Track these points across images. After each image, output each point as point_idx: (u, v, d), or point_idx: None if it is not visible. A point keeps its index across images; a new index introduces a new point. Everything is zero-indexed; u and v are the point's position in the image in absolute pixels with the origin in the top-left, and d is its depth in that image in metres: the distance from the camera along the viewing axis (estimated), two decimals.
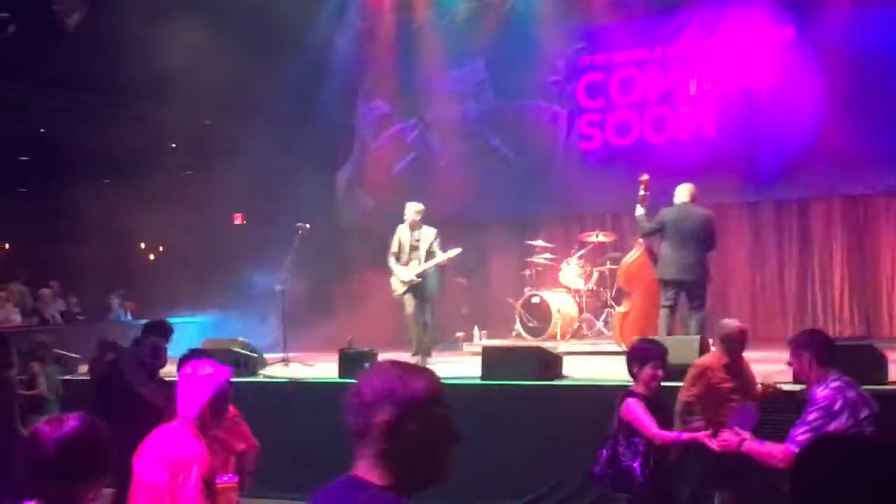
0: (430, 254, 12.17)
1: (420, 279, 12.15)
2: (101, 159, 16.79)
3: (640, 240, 11.92)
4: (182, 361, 5.83)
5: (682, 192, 10.98)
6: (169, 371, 7.36)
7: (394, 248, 12.30)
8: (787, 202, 14.47)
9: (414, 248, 12.22)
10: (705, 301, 10.93)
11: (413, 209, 12.32)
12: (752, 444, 5.83)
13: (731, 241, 14.54)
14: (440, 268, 12.33)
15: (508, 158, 16.20)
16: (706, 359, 7.58)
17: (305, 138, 16.20)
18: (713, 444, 6.09)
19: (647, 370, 6.45)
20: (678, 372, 8.74)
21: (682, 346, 8.99)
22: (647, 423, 6.30)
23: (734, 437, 5.92)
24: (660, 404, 6.59)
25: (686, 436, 6.43)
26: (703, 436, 6.21)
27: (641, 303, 11.89)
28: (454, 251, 12.23)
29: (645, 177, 11.37)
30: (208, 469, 4.33)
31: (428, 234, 12.26)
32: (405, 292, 12.22)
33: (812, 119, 13.59)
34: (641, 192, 11.28)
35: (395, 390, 2.46)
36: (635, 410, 6.35)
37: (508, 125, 16.25)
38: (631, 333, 11.18)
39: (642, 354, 6.57)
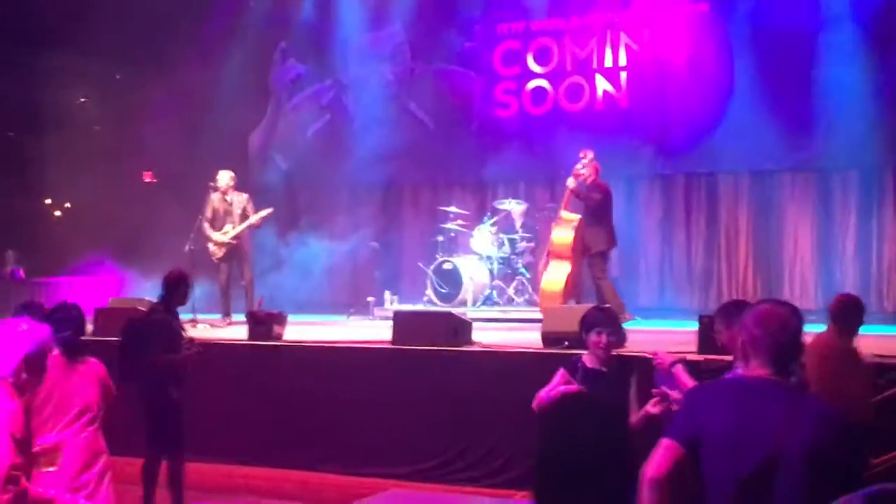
0: (243, 217, 12.90)
1: (235, 241, 12.85)
2: (8, 110, 16.35)
3: (564, 211, 12.11)
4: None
5: None
6: None
7: (207, 214, 12.92)
8: (696, 175, 14.68)
9: (227, 214, 12.91)
10: None
11: (227, 176, 13.01)
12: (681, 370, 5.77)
13: (642, 213, 14.74)
14: (253, 229, 13.14)
15: (424, 123, 16.16)
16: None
17: (219, 98, 15.97)
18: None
19: (591, 336, 6.27)
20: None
21: None
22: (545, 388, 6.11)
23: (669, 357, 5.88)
24: (615, 377, 6.26)
25: (555, 391, 6.07)
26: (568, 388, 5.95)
27: (575, 270, 12.10)
28: (265, 211, 13.07)
29: (588, 153, 11.96)
30: (21, 428, 4.23)
31: (240, 199, 13.02)
32: (222, 257, 12.87)
33: (724, 93, 13.82)
34: (580, 166, 11.77)
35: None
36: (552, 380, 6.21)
37: (425, 90, 16.21)
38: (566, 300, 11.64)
39: (588, 320, 6.39)
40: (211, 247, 12.92)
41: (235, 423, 9.70)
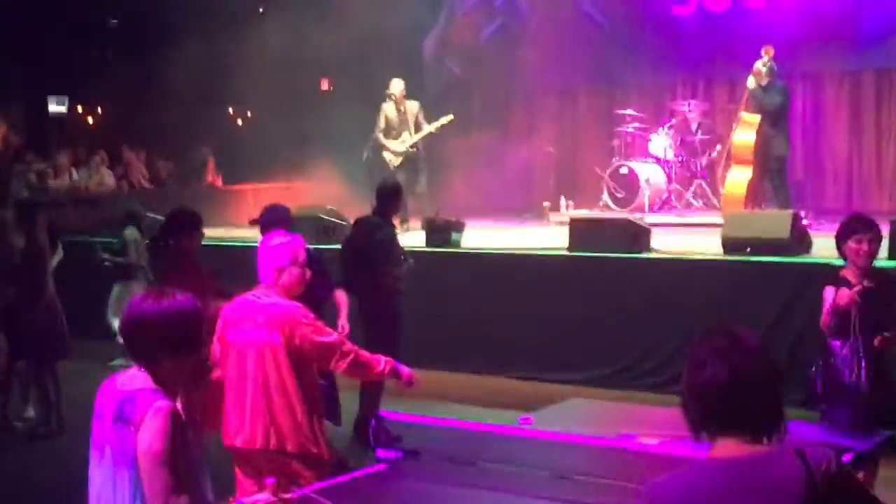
0: (417, 126, 12.84)
1: (414, 150, 12.85)
2: (186, 22, 16.76)
3: (745, 113, 11.69)
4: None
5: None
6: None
7: (381, 124, 12.96)
8: (888, 70, 13.91)
9: (402, 122, 12.87)
10: None
11: (399, 85, 12.91)
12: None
13: (829, 111, 14.13)
14: (432, 137, 13.09)
15: (600, 24, 15.78)
16: None
17: (392, 5, 15.98)
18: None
19: (850, 244, 5.62)
20: (771, 247, 8.70)
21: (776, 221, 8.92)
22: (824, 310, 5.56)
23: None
24: (878, 293, 5.51)
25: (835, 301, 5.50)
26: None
27: (757, 174, 11.77)
28: (445, 119, 12.98)
29: (770, 50, 11.39)
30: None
31: (412, 107, 12.95)
32: (399, 165, 12.82)
33: None
34: (761, 65, 11.28)
35: None
36: (825, 298, 5.60)
37: None
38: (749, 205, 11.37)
39: (844, 228, 5.70)
40: (387, 155, 12.97)
41: (417, 330, 9.87)
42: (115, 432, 3.17)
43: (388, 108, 12.97)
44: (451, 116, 13.11)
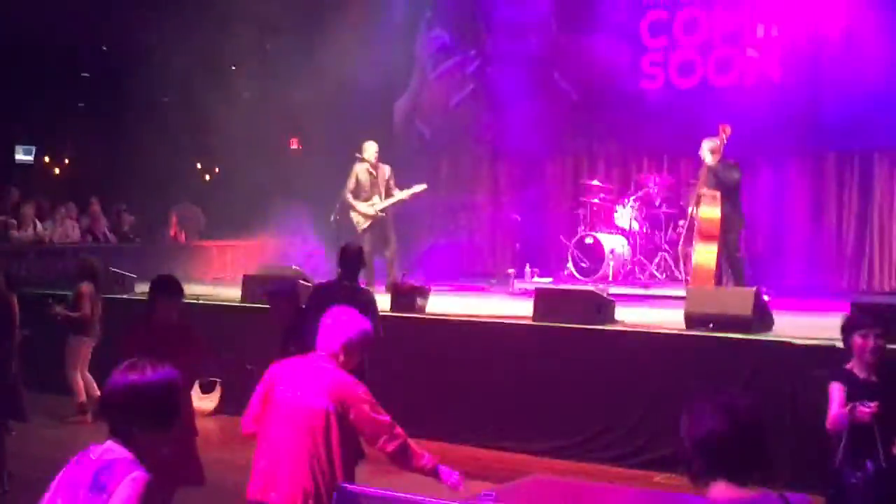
0: (388, 190, 13.00)
1: (383, 214, 12.95)
2: (160, 76, 16.81)
3: (706, 189, 11.77)
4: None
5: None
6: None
7: (350, 185, 13.05)
8: (848, 152, 14.18)
9: (373, 185, 12.99)
10: None
11: (373, 148, 13.05)
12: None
13: (790, 190, 14.34)
14: (401, 203, 13.22)
15: (568, 95, 16.00)
16: None
17: (364, 67, 16.12)
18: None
19: (856, 339, 5.57)
20: (734, 324, 8.78)
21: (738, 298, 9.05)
22: (832, 408, 5.46)
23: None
24: (885, 388, 5.49)
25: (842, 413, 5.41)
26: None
27: (721, 251, 11.88)
28: (420, 187, 13.13)
29: (728, 129, 11.52)
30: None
31: (384, 171, 13.08)
32: (367, 228, 12.95)
33: (881, 68, 13.24)
34: (719, 142, 11.39)
35: None
36: (831, 396, 5.50)
37: (570, 61, 16.00)
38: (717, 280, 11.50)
39: (849, 322, 5.65)
40: (356, 217, 13.04)
41: (377, 394, 9.84)
42: (88, 501, 3.17)
43: (361, 170, 13.04)
44: (424, 186, 13.24)
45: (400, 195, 12.99)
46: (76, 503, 3.21)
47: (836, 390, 5.46)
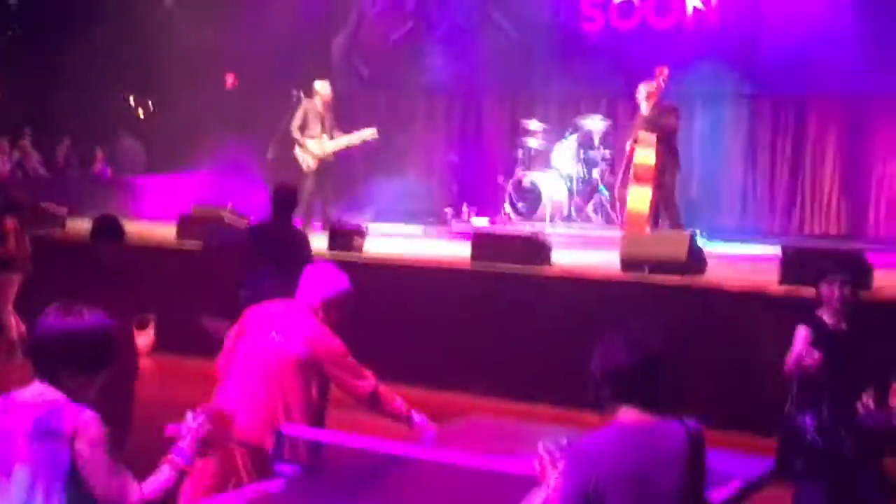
0: (331, 131, 12.72)
1: (332, 157, 12.77)
2: (97, 4, 16.39)
3: (643, 132, 11.80)
4: None
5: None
6: None
7: (297, 121, 12.67)
8: (785, 97, 14.31)
9: (322, 126, 12.68)
10: None
11: (327, 87, 12.80)
12: None
13: (726, 134, 14.45)
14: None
15: (508, 34, 15.90)
16: None
17: (303, 2, 15.91)
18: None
19: (822, 288, 5.60)
20: (668, 267, 8.90)
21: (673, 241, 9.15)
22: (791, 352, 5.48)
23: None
24: (853, 340, 5.52)
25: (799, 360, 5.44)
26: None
27: (657, 194, 11.95)
28: (369, 132, 12.87)
29: (665, 72, 11.54)
30: None
31: (330, 114, 12.81)
32: (313, 168, 12.66)
33: (821, 13, 13.22)
34: (656, 86, 11.42)
35: None
36: (796, 338, 5.51)
37: (510, 0, 15.92)
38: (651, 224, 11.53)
39: (817, 271, 5.70)
40: (302, 156, 12.70)
41: None
42: (37, 449, 3.10)
43: (311, 109, 12.74)
44: (373, 130, 12.98)
45: (349, 139, 12.75)
46: (15, 453, 3.13)
47: (800, 335, 5.49)
